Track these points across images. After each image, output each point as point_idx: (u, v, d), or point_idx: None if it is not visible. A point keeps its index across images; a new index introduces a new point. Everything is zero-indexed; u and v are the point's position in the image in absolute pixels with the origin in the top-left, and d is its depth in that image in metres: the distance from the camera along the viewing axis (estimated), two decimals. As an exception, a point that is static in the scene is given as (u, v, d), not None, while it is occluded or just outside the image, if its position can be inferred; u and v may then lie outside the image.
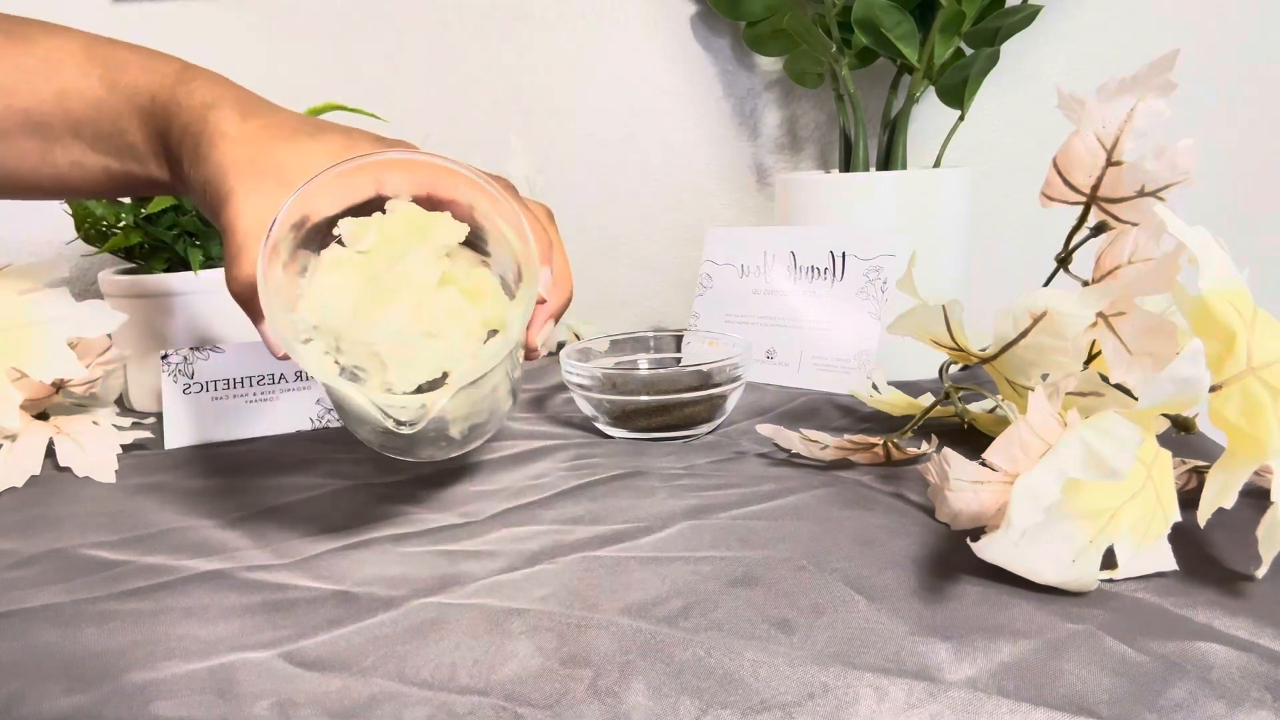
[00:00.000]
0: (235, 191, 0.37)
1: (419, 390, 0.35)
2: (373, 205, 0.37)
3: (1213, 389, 0.34)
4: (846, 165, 0.73)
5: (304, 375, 0.61)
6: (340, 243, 0.36)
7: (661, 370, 0.62)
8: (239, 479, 0.52)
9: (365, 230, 0.36)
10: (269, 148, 0.38)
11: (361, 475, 0.51)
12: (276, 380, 0.61)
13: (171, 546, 0.43)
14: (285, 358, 0.35)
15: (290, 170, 0.37)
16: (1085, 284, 0.42)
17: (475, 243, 0.38)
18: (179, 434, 0.59)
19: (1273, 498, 0.33)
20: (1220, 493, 0.34)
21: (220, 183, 0.37)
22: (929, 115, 0.83)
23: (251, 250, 0.36)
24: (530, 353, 0.40)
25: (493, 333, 0.37)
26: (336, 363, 0.35)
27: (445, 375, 0.36)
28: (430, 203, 0.38)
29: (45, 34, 0.44)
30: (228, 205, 0.37)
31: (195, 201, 0.41)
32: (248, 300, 0.36)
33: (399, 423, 0.35)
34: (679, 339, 0.66)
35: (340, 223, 0.36)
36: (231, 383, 0.60)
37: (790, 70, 0.80)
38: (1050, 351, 0.42)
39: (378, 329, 0.34)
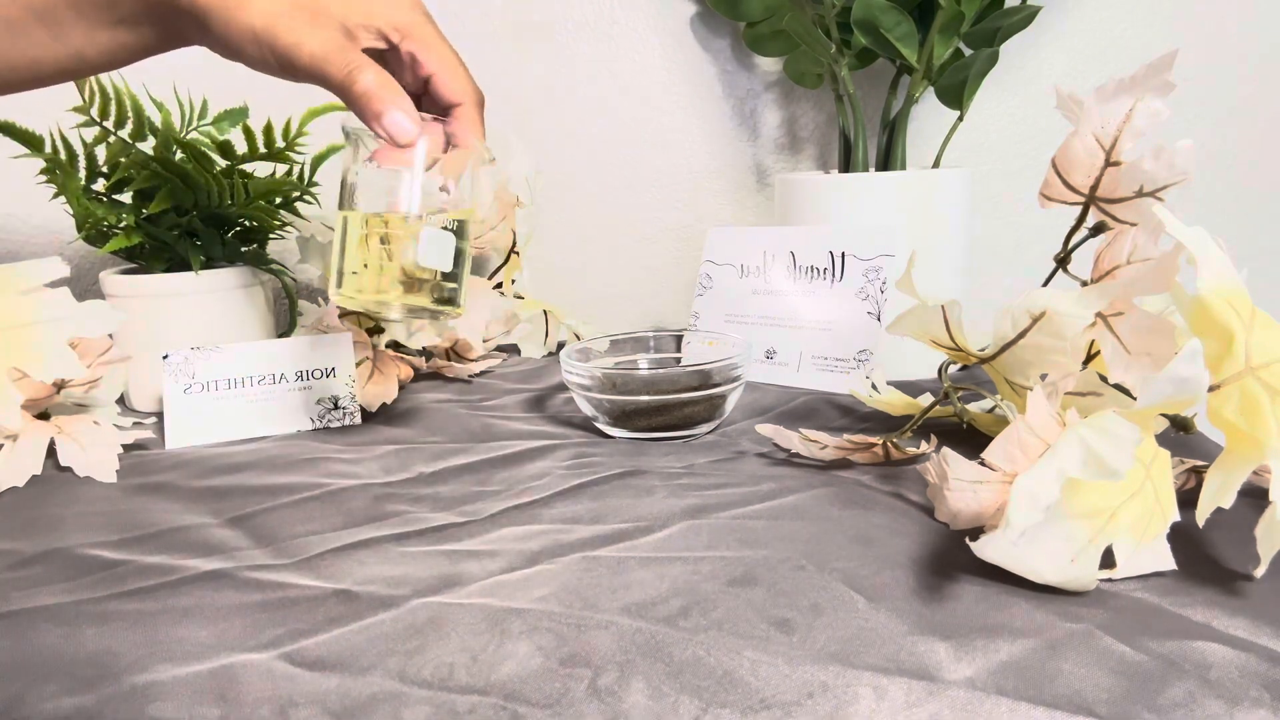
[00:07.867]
0: (299, 30, 0.43)
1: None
2: None
3: (1211, 389, 0.34)
4: (846, 165, 0.73)
5: (304, 375, 0.61)
6: None
7: (661, 370, 0.62)
8: (239, 479, 0.52)
9: None
10: None
11: (362, 475, 0.52)
12: (277, 380, 0.61)
13: (172, 546, 0.43)
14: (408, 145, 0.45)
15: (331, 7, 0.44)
16: (1084, 284, 0.42)
17: None
18: (179, 434, 0.59)
19: (1271, 497, 0.33)
20: (1219, 492, 0.34)
21: (276, 27, 0.42)
22: (929, 115, 0.83)
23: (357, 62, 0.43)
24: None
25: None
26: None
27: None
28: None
29: None
30: (302, 43, 0.42)
31: (231, 52, 0.44)
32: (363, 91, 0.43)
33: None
34: (679, 339, 0.66)
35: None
36: (231, 383, 0.60)
37: (790, 70, 0.80)
38: (1049, 351, 0.42)
39: None
